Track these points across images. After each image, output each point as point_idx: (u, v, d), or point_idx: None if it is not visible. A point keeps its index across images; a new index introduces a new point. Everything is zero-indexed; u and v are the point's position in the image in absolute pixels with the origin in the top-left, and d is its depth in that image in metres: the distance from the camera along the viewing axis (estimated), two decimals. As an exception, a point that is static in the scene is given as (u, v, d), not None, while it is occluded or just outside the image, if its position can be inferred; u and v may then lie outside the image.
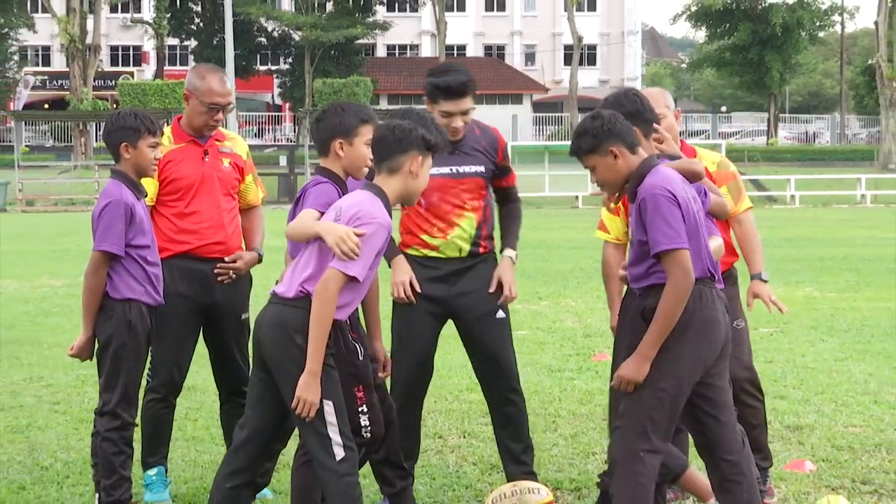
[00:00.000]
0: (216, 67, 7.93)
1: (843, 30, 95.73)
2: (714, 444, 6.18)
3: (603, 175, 6.16)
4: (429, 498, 7.80)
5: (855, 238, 30.77)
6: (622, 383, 5.94)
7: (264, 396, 6.17)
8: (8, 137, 79.85)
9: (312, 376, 5.89)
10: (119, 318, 6.99)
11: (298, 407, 5.90)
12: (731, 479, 6.16)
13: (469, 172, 7.47)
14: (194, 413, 10.27)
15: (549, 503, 7.28)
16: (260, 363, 6.14)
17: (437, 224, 7.45)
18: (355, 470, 6.06)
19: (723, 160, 7.60)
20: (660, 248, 5.89)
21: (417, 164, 6.16)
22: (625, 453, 5.99)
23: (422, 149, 6.18)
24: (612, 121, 6.10)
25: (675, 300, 5.87)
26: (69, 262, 24.41)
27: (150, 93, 75.33)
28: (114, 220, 6.94)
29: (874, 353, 13.14)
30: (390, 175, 6.15)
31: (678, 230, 5.89)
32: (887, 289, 19.34)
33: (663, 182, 5.96)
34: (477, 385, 11.22)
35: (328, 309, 5.88)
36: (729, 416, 6.20)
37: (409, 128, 6.20)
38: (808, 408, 10.33)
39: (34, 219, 45.38)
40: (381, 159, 6.18)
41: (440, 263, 7.48)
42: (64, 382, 11.74)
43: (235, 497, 6.28)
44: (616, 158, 6.07)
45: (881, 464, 8.53)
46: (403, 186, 6.17)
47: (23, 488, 8.04)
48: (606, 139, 6.07)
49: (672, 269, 5.88)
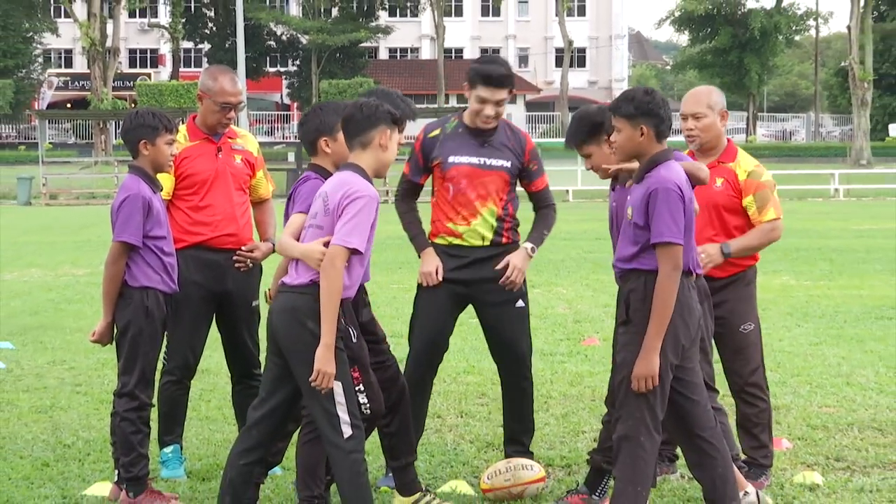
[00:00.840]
0: (227, 69, 7.92)
1: (818, 34, 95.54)
2: (688, 423, 6.18)
3: (621, 142, 6.14)
4: (428, 474, 7.79)
5: (829, 230, 30.75)
6: (640, 383, 5.94)
7: (279, 380, 6.17)
8: (33, 135, 79.70)
9: (327, 349, 5.89)
10: (137, 305, 6.99)
11: (317, 379, 5.89)
12: (705, 456, 6.15)
13: (495, 166, 7.43)
14: (208, 394, 10.26)
15: (541, 479, 7.27)
16: (275, 349, 6.14)
17: (461, 212, 7.41)
18: (362, 447, 6.06)
19: (755, 170, 7.35)
20: (661, 238, 5.89)
21: (386, 138, 6.19)
22: (627, 439, 6.01)
23: (389, 122, 6.20)
24: (660, 105, 6.07)
25: (668, 290, 5.88)
26: (90, 253, 24.39)
27: (166, 93, 75.38)
28: (132, 212, 6.95)
29: (847, 338, 13.13)
30: (363, 150, 6.16)
31: (679, 226, 5.90)
32: (859, 277, 19.33)
33: (675, 178, 5.97)
34: (473, 368, 11.26)
35: (337, 284, 5.89)
36: (701, 395, 6.20)
37: (376, 104, 6.23)
38: (785, 389, 10.32)
39: (57, 212, 45.35)
40: (353, 136, 6.19)
41: (465, 251, 7.44)
42: (85, 365, 11.73)
43: (248, 473, 6.28)
44: (642, 135, 6.06)
45: (853, 442, 8.52)
46: (376, 159, 6.18)
47: (46, 465, 8.04)
48: (643, 116, 6.05)
49: (664, 260, 5.89)
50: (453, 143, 7.45)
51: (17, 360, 12.09)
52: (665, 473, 7.49)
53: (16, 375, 11.31)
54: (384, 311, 14.65)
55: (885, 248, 24.64)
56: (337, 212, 5.98)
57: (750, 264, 7.42)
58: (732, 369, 7.43)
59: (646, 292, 5.96)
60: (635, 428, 5.98)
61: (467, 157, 7.37)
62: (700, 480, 6.22)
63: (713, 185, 7.20)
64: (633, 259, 6.04)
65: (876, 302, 16.18)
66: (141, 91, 76.75)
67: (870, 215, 38.21)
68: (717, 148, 7.36)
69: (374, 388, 6.37)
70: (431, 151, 7.48)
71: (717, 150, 7.36)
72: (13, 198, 53.50)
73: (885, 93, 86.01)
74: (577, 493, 7.04)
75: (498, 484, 7.16)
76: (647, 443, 5.99)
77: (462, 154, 7.42)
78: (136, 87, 79.39)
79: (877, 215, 37.97)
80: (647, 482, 6.05)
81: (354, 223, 5.93)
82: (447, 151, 7.43)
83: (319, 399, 5.97)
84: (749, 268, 7.41)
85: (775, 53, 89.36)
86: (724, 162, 7.33)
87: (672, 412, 6.16)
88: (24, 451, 8.43)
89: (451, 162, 7.41)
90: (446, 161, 7.42)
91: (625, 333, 6.07)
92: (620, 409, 6.04)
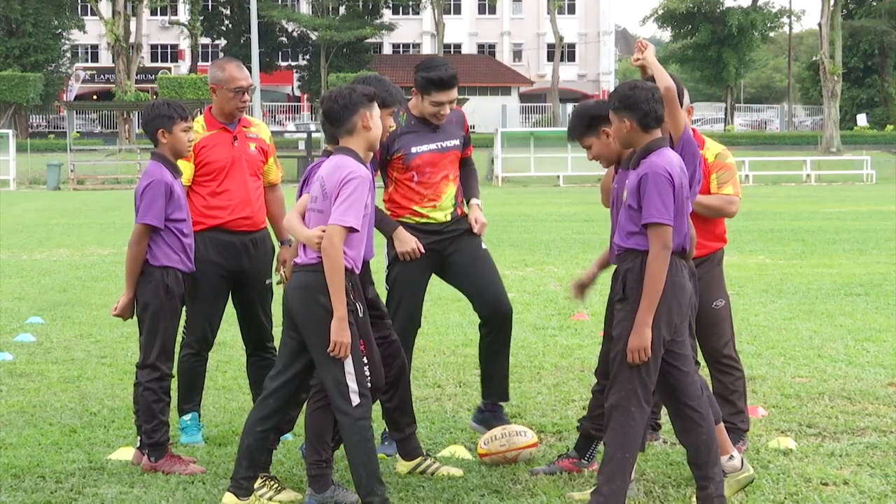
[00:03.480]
0: (231, 58, 8.00)
1: (791, 30, 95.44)
2: (677, 391, 6.15)
3: (613, 134, 6.16)
4: (429, 440, 7.78)
5: (801, 212, 30.75)
6: (633, 355, 5.91)
7: (296, 353, 6.17)
8: (61, 125, 79.58)
9: (340, 321, 5.90)
10: (157, 283, 6.98)
11: (335, 349, 5.90)
12: (692, 423, 6.14)
13: (450, 146, 7.51)
14: (224, 366, 10.25)
15: (534, 444, 7.26)
16: (291, 324, 6.14)
17: (426, 195, 7.45)
18: (369, 414, 6.06)
19: (722, 152, 7.43)
20: (651, 219, 5.87)
21: (367, 118, 6.14)
22: (618, 408, 5.98)
23: (365, 104, 6.14)
24: (642, 99, 6.01)
25: (658, 268, 5.86)
26: (115, 234, 24.38)
27: (185, 86, 75.18)
28: (155, 196, 6.94)
29: (818, 313, 13.12)
30: (350, 136, 6.13)
31: (669, 208, 5.88)
32: (829, 257, 19.33)
33: (666, 164, 5.93)
34: (471, 341, 11.24)
35: (338, 260, 5.90)
36: (689, 367, 6.18)
37: (348, 90, 6.17)
38: (761, 361, 10.31)
39: (84, 196, 45.34)
40: (337, 126, 6.16)
41: (432, 226, 7.49)
42: (110, 339, 11.72)
43: (264, 439, 6.29)
44: (627, 128, 6.03)
45: (824, 409, 8.51)
46: (365, 141, 6.15)
47: (74, 431, 8.02)
48: (627, 109, 6.02)
49: (654, 240, 5.87)
50: (411, 135, 7.44)
51: (47, 334, 12.07)
52: (650, 441, 7.48)
53: (45, 348, 11.29)
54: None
55: (854, 230, 24.64)
56: (333, 194, 5.96)
57: (719, 247, 7.42)
58: (707, 343, 7.42)
59: (641, 272, 5.93)
60: (627, 398, 5.96)
61: (426, 146, 7.40)
62: (686, 445, 6.20)
63: None
64: (629, 238, 6.02)
65: (845, 279, 16.16)
66: (162, 84, 76.55)
67: (839, 199, 38.21)
68: None
69: (377, 363, 6.35)
70: (391, 147, 7.42)
71: None
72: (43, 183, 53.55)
73: (853, 85, 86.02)
74: (568, 457, 7.04)
75: (494, 448, 7.15)
76: (637, 413, 5.97)
77: (422, 143, 7.42)
78: (158, 80, 79.16)
79: (846, 199, 37.96)
80: (635, 449, 6.03)
81: (349, 202, 5.92)
82: (407, 143, 7.42)
83: (332, 369, 5.97)
84: (718, 250, 7.42)
85: (751, 49, 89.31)
86: None
87: (662, 382, 6.14)
88: (53, 418, 8.41)
89: (413, 152, 7.41)
90: (409, 152, 7.42)
91: (621, 310, 6.04)
92: (614, 379, 6.02)
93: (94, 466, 7.14)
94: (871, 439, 7.68)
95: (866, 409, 8.51)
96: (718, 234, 7.41)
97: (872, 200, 37.00)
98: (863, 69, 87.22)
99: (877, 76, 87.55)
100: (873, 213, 30.31)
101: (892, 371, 9.83)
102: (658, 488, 6.67)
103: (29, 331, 12.16)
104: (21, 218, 31.16)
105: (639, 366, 5.92)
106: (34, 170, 56.67)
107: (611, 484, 5.94)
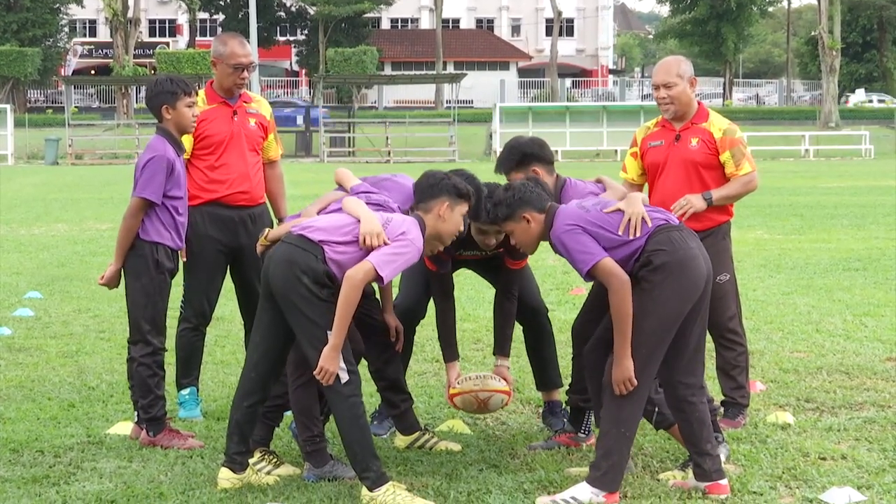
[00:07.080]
0: (235, 34, 7.91)
1: (790, 5, 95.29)
2: (673, 370, 6.12)
3: (523, 240, 6.14)
4: (427, 414, 7.79)
5: (799, 187, 30.73)
6: (618, 387, 5.87)
7: (271, 324, 6.10)
8: (59, 99, 79.38)
9: (334, 350, 5.86)
10: (147, 258, 6.98)
11: (320, 375, 5.87)
12: (685, 400, 6.11)
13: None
14: (222, 340, 10.24)
15: (507, 392, 7.02)
16: (267, 294, 6.06)
17: None
18: (359, 391, 6.02)
19: (730, 127, 7.34)
20: (585, 268, 5.86)
21: (444, 209, 6.14)
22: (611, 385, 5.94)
23: (452, 196, 6.16)
24: (524, 189, 6.07)
25: (620, 299, 5.81)
26: (112, 209, 24.34)
27: (183, 60, 75.03)
28: (156, 172, 6.92)
29: (816, 288, 13.12)
30: (425, 214, 6.17)
31: (590, 248, 5.85)
32: (827, 232, 19.33)
33: (563, 221, 5.94)
34: (469, 316, 11.24)
35: (356, 293, 5.87)
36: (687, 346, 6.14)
37: (441, 177, 6.21)
38: (759, 335, 10.31)
39: (82, 171, 45.30)
40: (418, 200, 6.22)
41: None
42: (109, 313, 11.71)
43: (252, 413, 6.25)
44: (529, 223, 6.05)
45: (822, 384, 8.52)
46: (434, 226, 6.16)
47: (73, 406, 8.02)
48: (519, 207, 6.04)
49: (604, 277, 5.85)
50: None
51: (45, 309, 12.07)
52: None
53: (44, 323, 11.29)
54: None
55: (851, 205, 24.63)
56: (390, 240, 5.95)
57: (725, 219, 7.37)
58: (712, 317, 7.35)
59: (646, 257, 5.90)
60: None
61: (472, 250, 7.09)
62: (679, 423, 6.18)
63: (688, 145, 7.24)
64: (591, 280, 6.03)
65: (843, 254, 16.17)
66: (160, 59, 76.37)
67: (837, 174, 38.20)
68: (688, 112, 7.33)
69: (352, 330, 6.23)
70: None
71: (689, 113, 7.35)
72: (41, 158, 53.46)
73: (851, 60, 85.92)
74: (565, 432, 7.03)
75: (467, 388, 6.97)
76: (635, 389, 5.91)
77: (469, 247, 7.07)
78: (156, 55, 78.98)
79: (844, 174, 37.96)
80: (633, 425, 5.99)
81: (395, 257, 5.91)
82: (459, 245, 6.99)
83: (318, 347, 5.91)
84: (724, 223, 7.37)
85: (750, 23, 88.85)
86: (696, 123, 7.32)
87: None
88: (52, 393, 8.41)
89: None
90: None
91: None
92: (615, 352, 5.95)
93: (93, 441, 7.14)
94: (868, 414, 7.69)
95: (864, 384, 8.51)
96: (724, 207, 7.35)
97: (871, 175, 36.97)
98: (861, 44, 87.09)
99: (875, 51, 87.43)
100: (871, 189, 30.29)
101: (890, 346, 9.83)
102: (656, 462, 6.67)
103: (27, 305, 12.15)
104: (19, 193, 31.13)
105: (636, 345, 5.87)
106: (32, 144, 56.58)
107: (608, 459, 5.92)
